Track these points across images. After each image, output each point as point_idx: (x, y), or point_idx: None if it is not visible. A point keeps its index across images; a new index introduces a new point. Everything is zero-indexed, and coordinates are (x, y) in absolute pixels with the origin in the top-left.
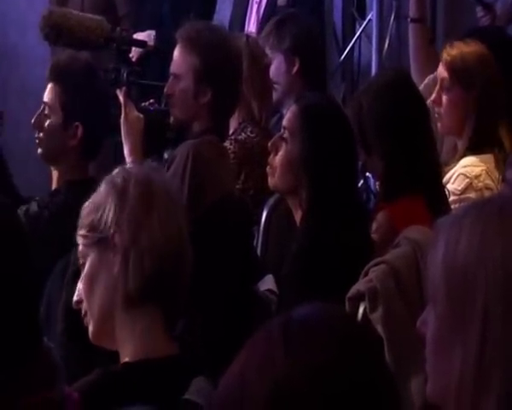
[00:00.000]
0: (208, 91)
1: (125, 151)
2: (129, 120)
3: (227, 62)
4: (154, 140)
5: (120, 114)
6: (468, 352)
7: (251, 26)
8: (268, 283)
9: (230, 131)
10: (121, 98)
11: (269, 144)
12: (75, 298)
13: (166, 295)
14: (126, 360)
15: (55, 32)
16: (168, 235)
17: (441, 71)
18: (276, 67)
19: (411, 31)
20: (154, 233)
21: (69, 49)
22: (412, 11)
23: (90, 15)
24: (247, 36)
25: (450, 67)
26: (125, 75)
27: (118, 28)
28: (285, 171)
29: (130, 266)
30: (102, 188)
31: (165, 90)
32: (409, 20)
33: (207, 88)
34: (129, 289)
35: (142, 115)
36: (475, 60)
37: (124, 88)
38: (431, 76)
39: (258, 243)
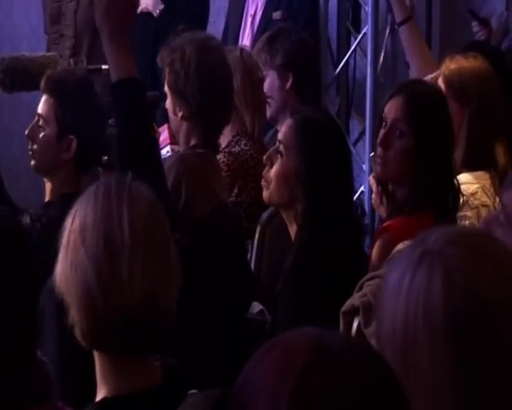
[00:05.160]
0: (182, 107)
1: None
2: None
3: (191, 80)
4: None
5: None
6: None
7: (245, 40)
8: (257, 307)
9: (224, 145)
10: None
11: (264, 158)
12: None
13: (134, 339)
14: (103, 396)
15: (10, 77)
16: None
17: (440, 85)
18: (270, 82)
19: (402, 34)
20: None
21: (25, 91)
22: (397, 16)
23: (42, 53)
24: (241, 49)
25: (447, 82)
26: None
27: (71, 60)
28: (280, 184)
29: (77, 313)
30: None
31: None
32: (396, 27)
33: (181, 104)
34: (84, 336)
35: None
36: (473, 76)
37: None
38: (428, 77)
39: (252, 257)
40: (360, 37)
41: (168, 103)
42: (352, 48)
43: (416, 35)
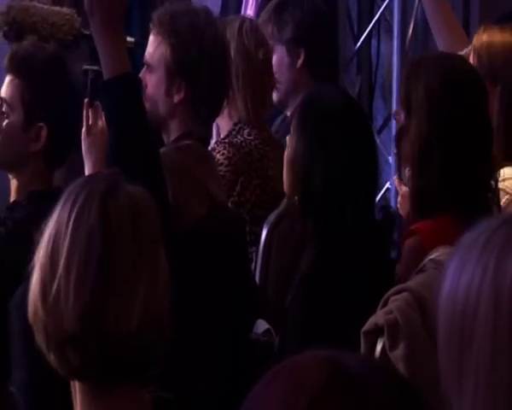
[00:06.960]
0: (182, 87)
1: (87, 169)
2: (92, 134)
3: (205, 53)
4: None
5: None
6: None
7: (248, 9)
8: (262, 325)
9: (224, 134)
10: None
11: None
12: None
13: (130, 370)
14: None
15: (16, 30)
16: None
17: (470, 58)
18: (278, 60)
19: (424, 3)
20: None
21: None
22: None
23: (57, 9)
24: (243, 18)
25: (476, 55)
26: (88, 81)
27: None
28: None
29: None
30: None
31: None
32: None
33: (181, 83)
34: (71, 366)
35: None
36: (501, 51)
37: (86, 99)
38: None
39: (257, 266)
40: (385, 4)
41: (158, 83)
42: (376, 17)
43: (441, 3)
